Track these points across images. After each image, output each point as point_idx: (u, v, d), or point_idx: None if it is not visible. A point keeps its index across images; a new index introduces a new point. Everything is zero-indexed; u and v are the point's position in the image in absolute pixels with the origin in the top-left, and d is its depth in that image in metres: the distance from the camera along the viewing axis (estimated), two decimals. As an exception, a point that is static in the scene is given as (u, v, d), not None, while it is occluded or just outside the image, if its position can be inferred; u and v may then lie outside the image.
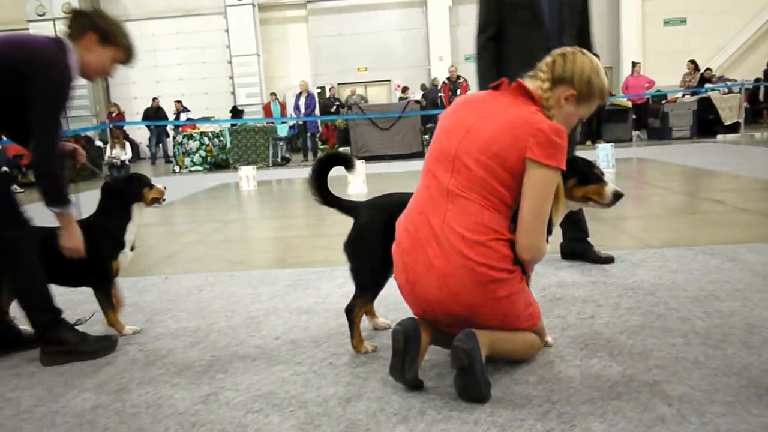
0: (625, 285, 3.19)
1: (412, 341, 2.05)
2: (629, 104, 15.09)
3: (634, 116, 15.26)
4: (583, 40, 3.56)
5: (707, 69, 16.94)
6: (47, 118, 2.44)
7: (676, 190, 6.78)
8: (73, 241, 2.59)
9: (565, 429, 1.79)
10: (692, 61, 16.37)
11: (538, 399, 1.98)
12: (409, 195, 2.41)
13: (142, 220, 2.98)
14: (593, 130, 14.29)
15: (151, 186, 2.97)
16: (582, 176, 2.40)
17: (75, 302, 3.30)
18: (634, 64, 16.69)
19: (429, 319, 2.16)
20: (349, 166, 2.59)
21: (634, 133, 15.09)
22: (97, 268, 2.81)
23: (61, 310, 2.64)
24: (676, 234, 4.52)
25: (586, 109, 2.22)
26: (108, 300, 2.88)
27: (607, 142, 11.75)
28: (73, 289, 2.99)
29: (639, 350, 2.33)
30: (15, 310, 2.71)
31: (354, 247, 2.45)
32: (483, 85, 3.57)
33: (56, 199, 2.49)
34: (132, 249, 2.94)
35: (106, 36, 2.63)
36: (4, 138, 2.75)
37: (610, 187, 2.43)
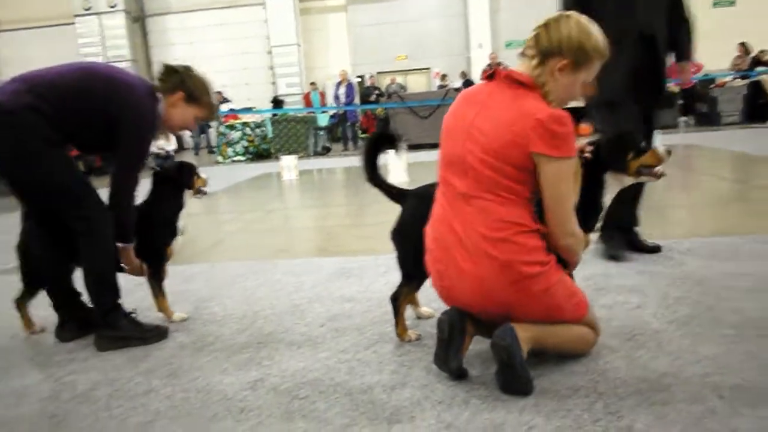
0: (673, 275, 3.13)
1: (456, 331, 2.05)
2: (676, 89, 14.68)
3: (681, 101, 14.85)
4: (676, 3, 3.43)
5: (761, 51, 16.34)
6: (131, 158, 2.66)
7: (725, 178, 6.59)
8: (132, 266, 2.84)
9: (611, 420, 1.77)
10: (742, 44, 15.80)
11: (584, 389, 1.97)
12: None
13: (187, 209, 3.05)
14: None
15: (198, 175, 3.03)
16: (637, 149, 2.38)
17: (124, 291, 3.39)
18: (681, 47, 16.20)
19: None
20: (394, 144, 2.58)
21: (681, 119, 14.69)
22: (153, 254, 2.89)
23: (121, 296, 2.73)
24: (725, 223, 4.41)
25: (586, 74, 2.08)
26: (159, 286, 2.97)
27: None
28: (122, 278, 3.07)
29: (688, 341, 2.28)
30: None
31: (401, 236, 2.46)
32: None
33: (121, 234, 2.71)
34: (182, 234, 3.02)
35: (193, 96, 2.82)
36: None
37: (661, 149, 2.40)
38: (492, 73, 2.12)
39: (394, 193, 2.54)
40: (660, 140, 8.83)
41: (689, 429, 1.69)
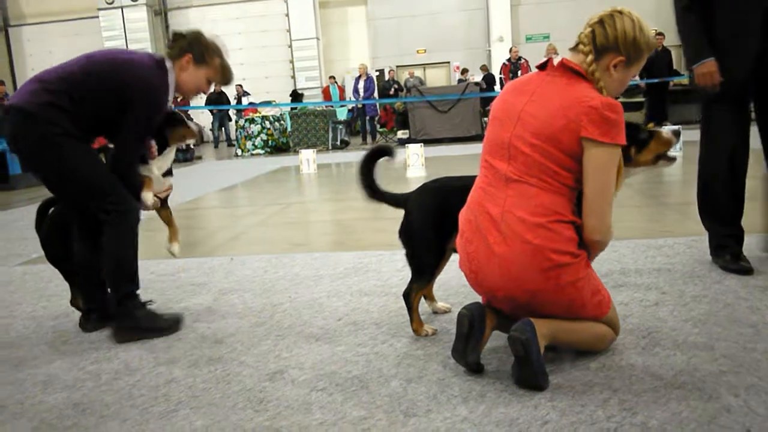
0: (691, 272, 3.12)
1: (477, 325, 2.07)
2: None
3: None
4: None
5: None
6: (138, 127, 2.71)
7: (747, 174, 6.50)
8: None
9: (626, 416, 1.78)
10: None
11: (599, 386, 1.98)
12: (459, 179, 2.43)
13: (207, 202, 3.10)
14: (658, 111, 13.83)
15: (181, 124, 3.04)
16: (638, 141, 2.29)
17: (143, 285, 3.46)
18: (704, 41, 15.97)
19: (495, 306, 2.17)
20: (391, 155, 2.60)
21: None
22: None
23: (140, 287, 2.78)
24: (746, 220, 4.36)
25: (636, 68, 2.14)
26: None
27: (674, 123, 11.36)
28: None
29: (704, 339, 2.28)
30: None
31: (408, 233, 2.48)
32: (690, 54, 3.14)
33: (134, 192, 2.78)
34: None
35: (201, 57, 2.84)
36: None
37: (665, 132, 2.33)
38: (545, 62, 2.16)
39: (395, 200, 2.57)
40: (680, 142, 8.71)
41: (703, 427, 1.70)
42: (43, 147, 2.58)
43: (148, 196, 2.83)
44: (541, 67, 2.17)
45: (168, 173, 3.03)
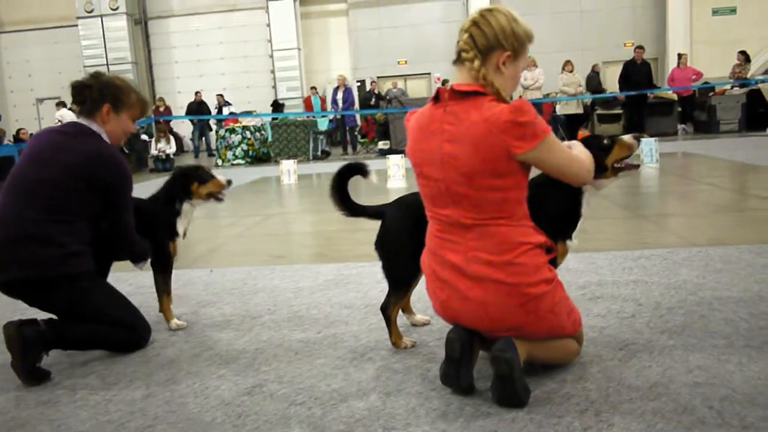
0: (667, 284, 3.16)
1: (467, 349, 2.04)
2: (674, 97, 14.74)
3: (680, 109, 14.91)
4: None
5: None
6: (120, 205, 2.69)
7: (722, 187, 6.63)
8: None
9: (602, 428, 1.80)
10: (742, 52, 15.86)
11: (576, 398, 2.00)
12: None
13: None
14: (636, 123, 14.03)
15: (207, 178, 3.13)
16: (602, 147, 2.32)
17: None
18: (680, 55, 16.26)
19: None
20: (365, 174, 2.60)
21: (680, 126, 14.75)
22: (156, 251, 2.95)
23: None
24: (721, 232, 4.44)
25: (523, 60, 2.08)
26: (165, 284, 3.01)
27: (651, 136, 11.52)
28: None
29: (680, 351, 2.32)
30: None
31: (384, 246, 2.49)
32: None
33: (140, 259, 2.89)
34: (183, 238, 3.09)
35: (118, 101, 2.73)
36: None
37: (626, 137, 2.35)
38: (436, 94, 2.08)
39: (373, 213, 2.58)
40: (657, 154, 8.81)
41: (678, 438, 1.72)
42: (72, 299, 2.60)
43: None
44: (435, 98, 2.09)
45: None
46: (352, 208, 2.60)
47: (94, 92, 2.70)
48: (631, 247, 4.06)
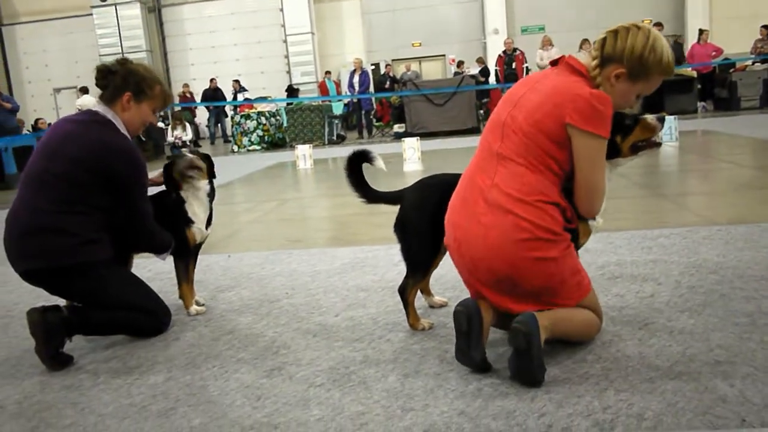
0: (687, 263, 3.13)
1: (474, 320, 2.05)
2: (694, 74, 14.51)
3: (700, 86, 14.67)
4: None
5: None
6: (133, 195, 2.68)
7: (743, 164, 6.52)
8: None
9: (622, 407, 1.79)
10: (766, 26, 15.53)
11: (595, 377, 1.99)
12: (454, 175, 2.43)
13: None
14: (655, 101, 13.83)
15: (186, 166, 2.98)
16: (623, 127, 2.27)
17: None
18: (701, 32, 15.97)
19: (475, 285, 2.17)
20: (370, 161, 2.65)
21: (700, 104, 14.53)
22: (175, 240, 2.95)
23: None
24: (742, 210, 4.38)
25: (643, 86, 2.16)
26: (185, 272, 3.02)
27: (671, 114, 11.36)
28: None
29: (700, 330, 2.29)
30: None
31: (403, 228, 2.49)
32: None
33: (161, 250, 2.89)
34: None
35: (141, 91, 2.70)
36: None
37: (650, 118, 2.31)
38: (557, 60, 2.24)
39: (391, 197, 2.58)
40: (677, 132, 8.67)
41: (699, 417, 1.71)
42: (89, 288, 2.62)
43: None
44: (554, 63, 2.25)
45: (209, 222, 3.07)
46: (370, 195, 2.62)
47: (118, 79, 2.68)
48: (651, 226, 4.02)
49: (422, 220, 2.42)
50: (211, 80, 18.86)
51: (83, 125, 2.64)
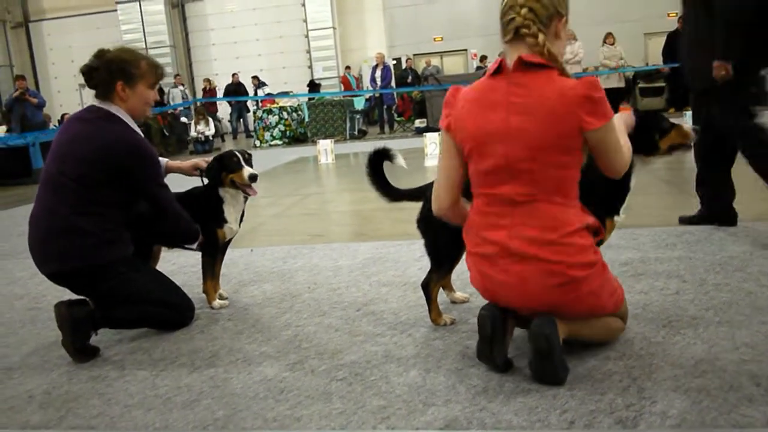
0: (712, 261, 3.09)
1: (498, 325, 2.03)
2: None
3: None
4: None
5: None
6: (150, 184, 2.69)
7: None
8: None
9: (645, 405, 1.78)
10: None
11: (619, 375, 1.98)
12: None
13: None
14: (680, 96, 13.62)
15: (237, 167, 3.02)
16: (661, 129, 2.44)
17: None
18: (728, 24, 15.65)
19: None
20: (390, 158, 2.66)
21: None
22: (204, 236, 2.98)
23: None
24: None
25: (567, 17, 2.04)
26: (211, 268, 3.04)
27: (696, 109, 11.18)
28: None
29: (725, 328, 2.27)
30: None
31: (427, 224, 2.49)
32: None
33: (190, 238, 2.91)
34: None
35: (129, 74, 2.65)
36: None
37: (687, 126, 2.49)
38: (498, 66, 2.02)
39: (414, 194, 2.60)
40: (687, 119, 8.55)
41: (724, 417, 1.69)
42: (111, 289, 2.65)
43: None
44: (496, 71, 2.03)
45: (240, 220, 3.11)
46: (392, 194, 2.64)
47: (103, 73, 2.64)
48: (675, 223, 3.97)
49: None
50: (234, 75, 18.92)
51: (90, 124, 2.64)
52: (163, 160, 2.93)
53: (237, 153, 3.00)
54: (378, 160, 2.65)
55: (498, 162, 1.98)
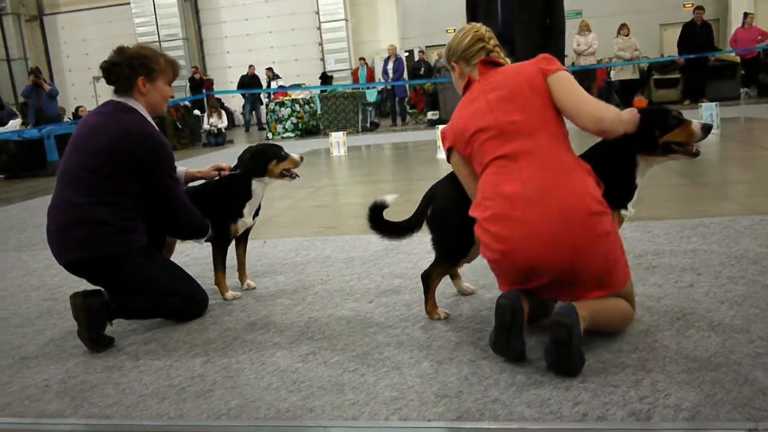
0: (728, 253, 3.06)
1: (518, 313, 2.02)
2: (737, 59, 14.10)
3: (743, 72, 14.25)
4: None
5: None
6: (162, 178, 2.71)
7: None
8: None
9: (659, 397, 1.77)
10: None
11: (632, 367, 1.97)
12: None
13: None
14: (695, 87, 13.50)
15: (281, 157, 3.08)
16: (664, 123, 2.23)
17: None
18: (746, 15, 15.46)
19: (530, 285, 2.13)
20: (385, 206, 2.68)
21: (743, 90, 14.12)
22: (217, 229, 3.00)
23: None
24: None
25: None
26: (222, 261, 3.06)
27: (712, 100, 11.08)
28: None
29: (741, 321, 2.25)
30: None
31: (438, 220, 2.49)
32: None
33: (199, 234, 2.93)
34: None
35: (150, 70, 2.72)
36: None
37: (695, 124, 2.23)
38: (467, 82, 2.41)
39: (422, 211, 2.58)
40: (718, 120, 8.41)
41: (739, 410, 1.68)
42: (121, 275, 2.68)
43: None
44: (466, 87, 2.42)
45: (257, 213, 3.12)
46: (402, 232, 2.63)
47: (125, 68, 2.69)
48: (690, 215, 3.94)
49: (459, 210, 2.40)
50: (250, 66, 18.89)
51: (108, 116, 2.69)
52: (181, 169, 2.97)
53: (275, 144, 3.09)
54: (376, 215, 2.64)
55: (491, 130, 2.23)
